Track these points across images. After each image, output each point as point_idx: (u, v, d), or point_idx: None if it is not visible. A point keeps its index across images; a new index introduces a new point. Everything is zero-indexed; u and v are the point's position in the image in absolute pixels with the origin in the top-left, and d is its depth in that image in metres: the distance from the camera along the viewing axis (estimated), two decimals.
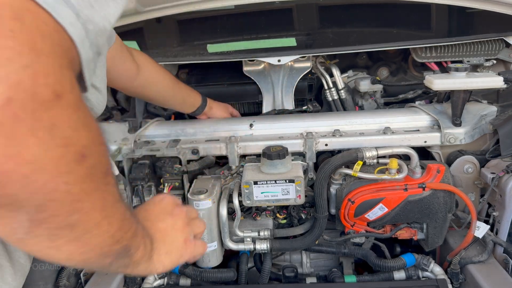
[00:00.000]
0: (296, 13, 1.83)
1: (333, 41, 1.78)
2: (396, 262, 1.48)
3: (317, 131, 1.64)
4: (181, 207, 0.81)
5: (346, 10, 1.86)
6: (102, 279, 1.51)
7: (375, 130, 1.63)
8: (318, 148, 1.59)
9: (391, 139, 1.56)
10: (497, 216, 1.48)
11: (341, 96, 1.92)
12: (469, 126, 1.59)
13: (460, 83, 1.54)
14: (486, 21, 1.75)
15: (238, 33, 1.81)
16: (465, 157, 1.56)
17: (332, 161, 1.43)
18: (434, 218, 1.45)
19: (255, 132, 1.67)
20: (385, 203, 1.42)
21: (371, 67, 2.06)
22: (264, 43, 1.77)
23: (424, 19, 1.80)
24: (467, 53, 1.78)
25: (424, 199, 1.42)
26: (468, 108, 1.63)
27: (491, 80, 1.53)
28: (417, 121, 1.64)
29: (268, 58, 1.73)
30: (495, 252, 1.48)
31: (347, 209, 1.45)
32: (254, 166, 1.54)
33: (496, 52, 1.77)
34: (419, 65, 1.95)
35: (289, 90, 1.88)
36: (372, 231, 1.53)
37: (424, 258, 1.49)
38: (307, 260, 1.71)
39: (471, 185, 1.59)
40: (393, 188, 1.43)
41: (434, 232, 1.48)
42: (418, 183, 1.42)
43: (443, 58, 1.81)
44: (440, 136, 1.56)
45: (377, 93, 1.93)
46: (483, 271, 1.39)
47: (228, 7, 1.75)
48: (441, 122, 1.58)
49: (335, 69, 1.91)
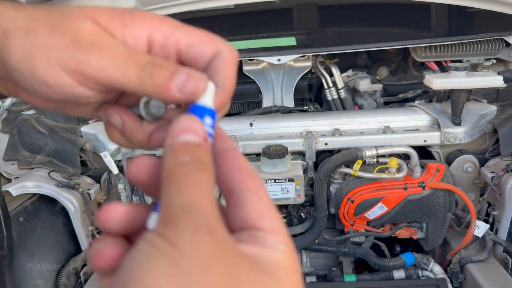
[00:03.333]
0: (296, 13, 1.83)
1: (333, 41, 1.78)
2: (396, 261, 1.48)
3: (317, 130, 1.64)
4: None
5: (346, 9, 1.86)
6: None
7: (375, 129, 1.63)
8: (318, 147, 1.59)
9: (390, 138, 1.56)
10: (496, 215, 1.48)
11: (341, 95, 1.92)
12: (469, 125, 1.59)
13: (460, 82, 1.54)
14: (486, 20, 1.75)
15: (238, 32, 1.81)
16: (465, 156, 1.56)
17: (332, 160, 1.43)
18: (433, 217, 1.45)
19: (255, 131, 1.67)
20: (385, 202, 1.42)
21: (371, 67, 2.06)
22: (264, 42, 1.77)
23: (424, 19, 1.80)
24: (466, 52, 1.78)
25: (423, 198, 1.42)
26: (468, 108, 1.63)
27: (491, 80, 1.53)
28: (417, 120, 1.64)
29: (268, 58, 1.73)
30: (495, 251, 1.48)
31: (347, 208, 1.45)
32: (253, 165, 1.54)
33: (496, 51, 1.77)
34: (419, 64, 1.95)
35: (289, 89, 1.88)
36: (371, 230, 1.53)
37: (423, 257, 1.49)
38: (306, 259, 1.71)
39: (471, 184, 1.59)
40: (392, 187, 1.43)
41: (434, 231, 1.48)
42: (418, 182, 1.42)
43: (443, 57, 1.81)
44: (439, 135, 1.56)
45: (376, 92, 1.93)
46: (482, 270, 1.39)
47: (227, 6, 1.75)
48: (440, 122, 1.58)
49: (335, 68, 1.91)
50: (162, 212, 0.26)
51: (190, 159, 0.27)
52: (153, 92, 0.31)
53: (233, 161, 0.30)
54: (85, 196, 1.53)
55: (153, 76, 0.31)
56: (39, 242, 1.49)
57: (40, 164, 1.56)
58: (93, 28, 0.32)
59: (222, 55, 0.33)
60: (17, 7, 0.34)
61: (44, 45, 0.31)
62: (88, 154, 1.66)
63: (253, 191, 0.29)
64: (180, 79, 0.31)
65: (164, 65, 0.31)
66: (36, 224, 1.49)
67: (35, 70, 0.32)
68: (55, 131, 1.64)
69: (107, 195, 1.66)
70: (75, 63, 0.31)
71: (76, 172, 1.59)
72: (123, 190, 1.62)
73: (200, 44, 0.33)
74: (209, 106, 0.31)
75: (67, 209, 1.50)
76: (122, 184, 1.61)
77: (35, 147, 1.61)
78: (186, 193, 0.26)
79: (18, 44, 0.32)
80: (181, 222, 0.24)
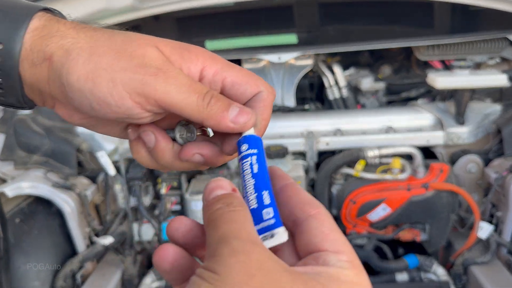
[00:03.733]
0: (297, 11, 1.80)
1: (334, 39, 1.75)
2: (398, 263, 1.46)
3: (318, 130, 1.62)
4: None
5: (347, 7, 1.83)
6: (99, 280, 1.49)
7: (377, 129, 1.60)
8: (319, 147, 1.57)
9: (393, 138, 1.54)
10: (500, 216, 1.45)
11: (342, 94, 1.90)
12: (473, 125, 1.56)
13: (463, 81, 1.52)
14: (489, 19, 1.72)
15: (238, 30, 1.78)
16: (468, 157, 1.54)
17: (334, 161, 1.41)
18: (437, 218, 1.43)
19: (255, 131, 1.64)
20: (388, 204, 1.40)
21: (373, 65, 2.03)
22: (265, 40, 1.74)
23: (427, 17, 1.77)
24: (470, 51, 1.75)
25: (427, 199, 1.40)
26: (472, 107, 1.61)
27: (495, 78, 1.51)
28: (420, 120, 1.61)
29: (268, 56, 1.70)
30: (499, 253, 1.46)
31: (349, 209, 1.43)
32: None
33: (500, 50, 1.74)
34: (422, 63, 1.93)
35: (290, 88, 1.85)
36: (374, 232, 1.50)
37: (426, 259, 1.46)
38: None
39: (474, 185, 1.56)
40: (395, 188, 1.41)
41: (437, 232, 1.46)
42: (421, 183, 1.40)
43: (446, 56, 1.78)
44: (443, 135, 1.54)
45: (379, 91, 1.91)
46: (486, 272, 1.37)
47: (227, 3, 1.73)
48: (444, 121, 1.56)
49: (337, 67, 1.89)
50: (206, 252, 0.29)
51: (222, 205, 0.30)
52: (209, 119, 0.35)
53: (294, 195, 0.33)
54: (82, 197, 1.51)
55: (211, 105, 0.35)
56: (36, 244, 1.46)
57: (37, 164, 1.53)
58: (159, 55, 0.35)
59: (262, 96, 0.38)
60: (78, 28, 0.36)
61: (109, 67, 0.34)
62: (85, 154, 1.64)
63: (315, 218, 0.31)
64: (234, 112, 0.35)
65: (221, 97, 0.36)
66: (33, 226, 1.47)
67: (97, 90, 0.34)
68: (51, 131, 1.61)
69: (104, 196, 1.63)
70: (141, 86, 0.34)
71: (73, 172, 1.56)
72: (120, 191, 1.60)
73: (244, 84, 0.37)
74: (256, 135, 0.36)
75: (63, 210, 1.47)
76: (119, 184, 1.58)
77: (31, 147, 1.59)
78: (222, 228, 0.28)
79: (82, 64, 0.34)
80: (218, 252, 0.27)
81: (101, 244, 1.52)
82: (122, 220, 1.67)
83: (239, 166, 0.35)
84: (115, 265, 1.59)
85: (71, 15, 0.41)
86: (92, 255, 1.51)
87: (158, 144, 0.38)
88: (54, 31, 0.36)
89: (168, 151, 0.39)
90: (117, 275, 1.54)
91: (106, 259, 1.63)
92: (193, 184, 1.54)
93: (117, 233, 1.59)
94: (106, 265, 1.60)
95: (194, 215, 1.51)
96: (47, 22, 0.37)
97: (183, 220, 0.34)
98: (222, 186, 0.32)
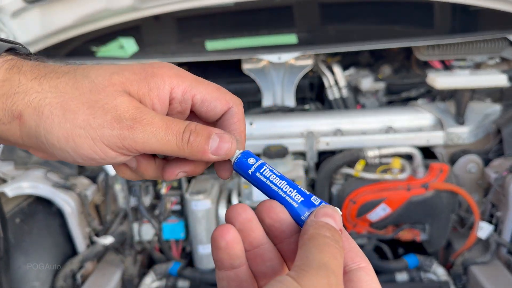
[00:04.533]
0: (297, 11, 1.80)
1: (334, 39, 1.75)
2: (398, 263, 1.46)
3: (318, 130, 1.62)
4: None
5: (347, 7, 1.83)
6: (99, 280, 1.49)
7: (377, 129, 1.60)
8: (319, 147, 1.57)
9: (393, 139, 1.54)
10: (500, 216, 1.46)
11: (342, 94, 1.90)
12: (473, 125, 1.56)
13: (463, 81, 1.52)
14: (489, 19, 1.72)
15: (238, 30, 1.78)
16: (468, 156, 1.54)
17: (334, 161, 1.41)
18: (437, 218, 1.43)
19: (255, 131, 1.65)
20: (388, 204, 1.40)
21: (373, 65, 2.03)
22: (265, 40, 1.74)
23: (427, 17, 1.77)
24: (470, 51, 1.76)
25: (427, 199, 1.40)
26: (472, 107, 1.61)
27: (495, 78, 1.51)
28: (420, 120, 1.61)
29: (268, 56, 1.70)
30: (499, 253, 1.46)
31: (349, 209, 1.43)
32: None
33: (500, 50, 1.74)
34: (422, 63, 1.93)
35: (290, 88, 1.85)
36: (374, 232, 1.50)
37: (426, 259, 1.46)
38: None
39: (474, 185, 1.56)
40: (395, 188, 1.41)
41: (437, 232, 1.46)
42: (421, 183, 1.40)
43: (446, 56, 1.78)
44: (443, 135, 1.54)
45: (379, 91, 1.91)
46: (486, 272, 1.37)
47: (227, 4, 1.73)
48: (444, 121, 1.56)
49: (337, 67, 1.89)
50: (299, 261, 0.31)
51: (330, 236, 0.32)
52: (191, 156, 0.37)
53: (345, 243, 0.34)
54: (82, 197, 1.51)
55: (190, 143, 0.36)
56: (36, 244, 1.46)
57: (37, 164, 1.53)
58: (129, 102, 0.36)
59: (233, 111, 0.39)
60: (40, 78, 0.35)
61: (87, 125, 0.35)
62: None
63: (366, 271, 0.33)
64: (215, 143, 0.37)
65: (199, 130, 0.37)
66: (33, 226, 1.47)
67: (79, 149, 0.35)
68: None
69: (104, 196, 1.63)
70: (121, 140, 0.35)
71: (73, 172, 1.56)
72: (121, 190, 1.60)
73: (213, 101, 0.39)
74: (242, 151, 0.38)
75: (64, 210, 1.47)
76: (119, 184, 1.58)
77: None
78: (325, 256, 0.30)
79: (58, 124, 0.34)
80: (316, 274, 0.29)
81: (101, 244, 1.52)
82: (122, 220, 1.67)
83: (254, 177, 0.37)
84: (115, 265, 1.59)
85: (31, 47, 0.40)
86: (92, 255, 1.51)
87: (140, 164, 0.40)
88: (16, 85, 0.35)
89: (151, 167, 0.41)
90: (117, 275, 1.54)
91: (106, 259, 1.63)
92: (193, 184, 1.54)
93: (117, 233, 1.59)
94: (106, 265, 1.60)
95: (194, 215, 1.51)
96: (8, 74, 0.35)
97: (247, 209, 0.35)
98: (335, 219, 0.34)
